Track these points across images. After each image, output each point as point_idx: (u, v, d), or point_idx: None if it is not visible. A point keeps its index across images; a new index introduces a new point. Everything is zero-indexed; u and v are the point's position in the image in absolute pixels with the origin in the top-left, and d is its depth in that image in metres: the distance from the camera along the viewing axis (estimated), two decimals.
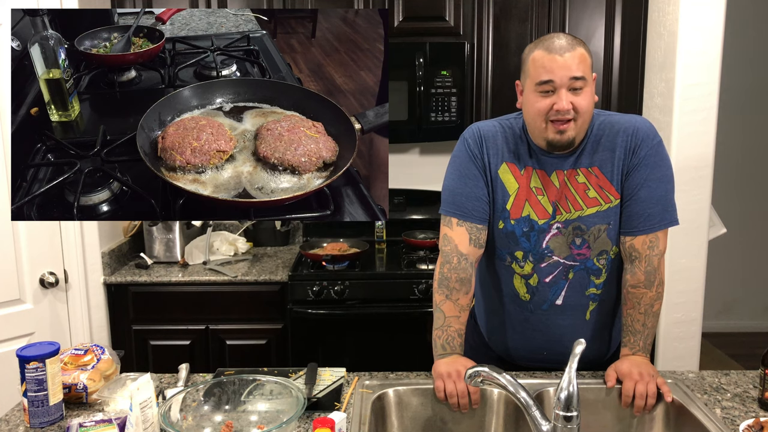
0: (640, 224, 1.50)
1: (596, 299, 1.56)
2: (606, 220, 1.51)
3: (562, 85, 1.40)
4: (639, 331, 1.52)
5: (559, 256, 1.53)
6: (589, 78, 1.42)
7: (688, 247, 2.54)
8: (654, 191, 1.50)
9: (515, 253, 1.55)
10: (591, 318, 1.58)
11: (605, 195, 1.50)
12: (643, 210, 1.49)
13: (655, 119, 2.66)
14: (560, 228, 1.51)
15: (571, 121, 1.42)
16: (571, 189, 1.51)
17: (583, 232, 1.51)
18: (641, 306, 1.52)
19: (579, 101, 1.41)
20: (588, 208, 1.50)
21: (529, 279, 1.56)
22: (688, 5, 2.41)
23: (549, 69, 1.40)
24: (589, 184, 1.50)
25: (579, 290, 1.55)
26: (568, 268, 1.54)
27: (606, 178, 1.50)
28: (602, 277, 1.55)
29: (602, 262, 1.54)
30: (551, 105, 1.41)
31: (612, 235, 1.52)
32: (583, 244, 1.52)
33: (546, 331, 1.59)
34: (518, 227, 1.53)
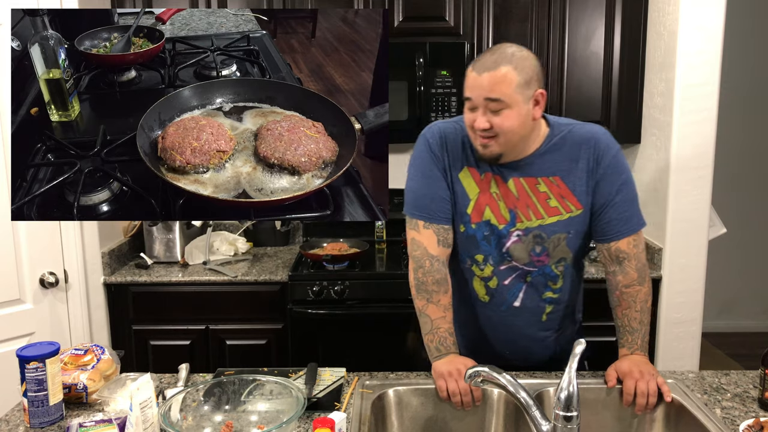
0: (623, 227, 1.53)
1: (553, 302, 1.60)
2: (566, 229, 1.53)
3: (479, 104, 1.42)
4: (636, 330, 1.54)
5: (519, 262, 1.55)
6: (510, 99, 1.40)
7: (688, 247, 2.54)
8: (627, 195, 1.53)
9: (476, 256, 1.58)
10: (547, 320, 1.62)
11: (566, 205, 1.52)
12: (622, 214, 1.52)
13: (655, 119, 2.66)
14: (520, 236, 1.53)
15: (492, 138, 1.44)
16: (532, 197, 1.52)
17: (543, 240, 1.53)
18: (637, 304, 1.55)
19: (497, 121, 1.42)
20: (549, 217, 1.52)
21: (489, 281, 1.59)
22: (688, 5, 2.41)
23: (470, 87, 1.43)
24: (551, 194, 1.52)
25: (536, 294, 1.59)
26: (527, 273, 1.57)
27: (568, 188, 1.52)
28: (559, 283, 1.59)
29: (560, 269, 1.57)
30: (472, 121, 1.45)
31: (571, 244, 1.55)
32: (543, 252, 1.54)
33: (505, 330, 1.63)
34: (479, 231, 1.55)
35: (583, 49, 2.73)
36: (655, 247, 2.61)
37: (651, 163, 2.71)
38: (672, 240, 2.55)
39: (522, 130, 1.45)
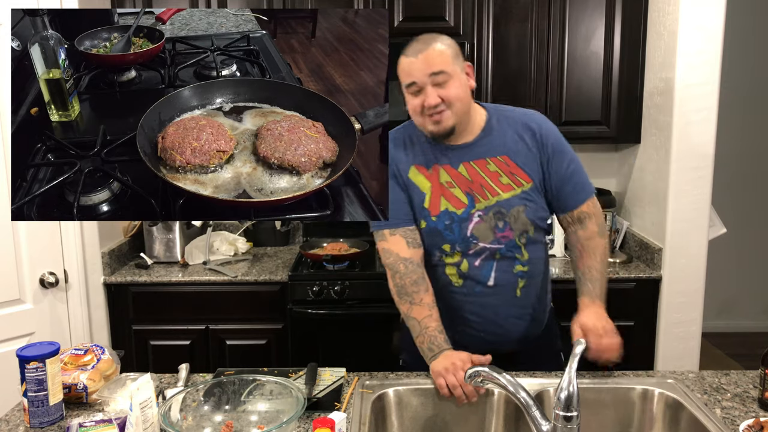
0: (583, 193, 1.67)
1: (524, 276, 1.65)
2: (523, 202, 1.61)
3: (425, 83, 1.52)
4: (597, 279, 1.63)
5: (485, 242, 1.61)
6: (451, 70, 1.53)
7: (688, 247, 2.54)
8: (577, 167, 1.66)
9: (442, 246, 1.63)
10: (522, 295, 1.66)
11: (517, 180, 1.62)
12: (578, 183, 1.66)
13: (655, 119, 2.66)
14: (481, 215, 1.61)
15: (445, 111, 1.54)
16: (484, 178, 1.62)
17: (504, 215, 1.61)
18: (597, 255, 1.66)
19: (446, 93, 1.53)
20: (504, 193, 1.61)
21: (460, 266, 1.64)
22: (688, 5, 2.41)
23: (409, 72, 1.53)
24: (501, 172, 1.62)
25: (507, 269, 1.63)
26: (495, 251, 1.62)
27: (517, 165, 1.62)
28: (525, 255, 1.64)
29: (523, 241, 1.63)
30: (421, 103, 1.54)
31: (530, 215, 1.62)
32: (506, 227, 1.61)
33: (480, 313, 1.65)
34: (440, 222, 1.62)
35: (583, 49, 2.73)
36: (655, 247, 2.61)
37: (651, 163, 2.71)
38: (672, 240, 2.55)
39: (466, 98, 1.57)
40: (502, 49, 2.74)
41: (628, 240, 2.88)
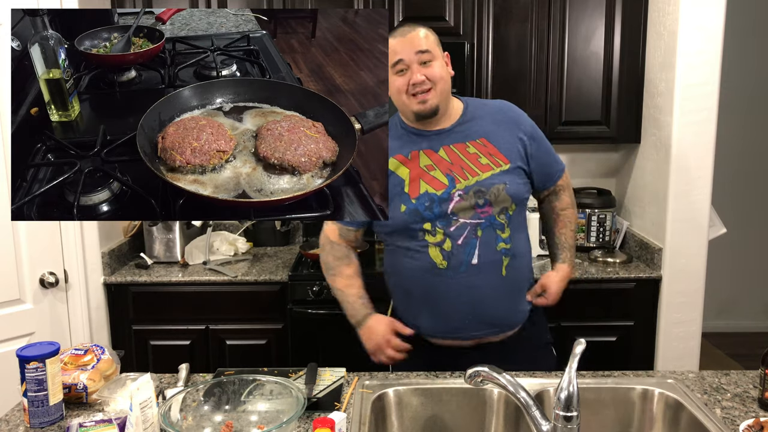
0: (559, 170, 1.84)
1: (508, 254, 1.69)
2: (502, 181, 1.67)
3: (412, 61, 1.62)
4: (571, 246, 1.86)
5: (465, 218, 1.66)
6: (435, 52, 1.64)
7: (688, 247, 2.54)
8: (550, 148, 1.81)
9: (424, 226, 1.67)
10: (507, 274, 1.69)
11: (495, 161, 1.69)
12: (553, 162, 1.82)
13: (655, 119, 2.66)
14: (462, 195, 1.66)
15: (430, 90, 1.63)
16: (464, 159, 1.69)
17: (484, 193, 1.66)
18: (572, 224, 1.87)
19: (430, 71, 1.62)
20: (483, 173, 1.67)
21: (443, 245, 1.66)
22: (688, 5, 2.41)
23: (397, 50, 1.63)
24: (480, 153, 1.69)
25: (490, 246, 1.67)
26: (476, 227, 1.66)
27: (495, 147, 1.70)
28: (507, 232, 1.69)
29: (503, 218, 1.68)
30: (408, 81, 1.63)
31: (511, 192, 1.67)
32: (486, 203, 1.66)
33: (467, 293, 1.67)
34: (419, 204, 1.66)
35: (583, 49, 2.73)
36: (655, 247, 2.61)
37: (651, 163, 2.71)
38: (672, 240, 2.55)
39: (448, 80, 1.68)
40: (502, 49, 2.74)
41: (628, 240, 2.88)
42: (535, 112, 2.75)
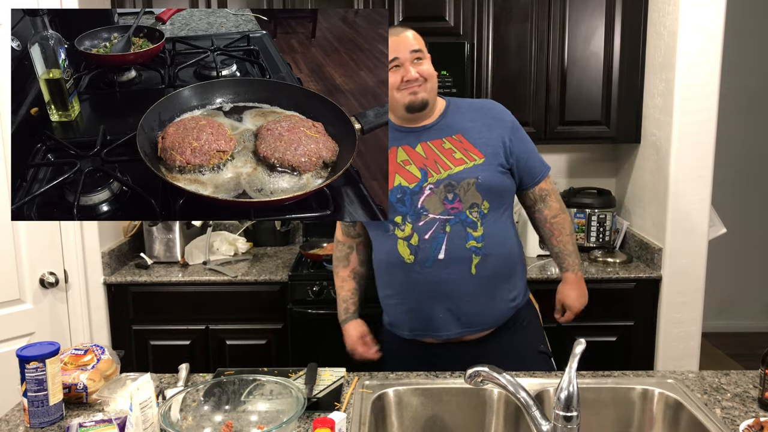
0: (541, 170, 1.84)
1: (479, 252, 1.70)
2: (474, 175, 1.71)
3: (406, 59, 1.70)
4: (572, 252, 1.87)
5: (435, 213, 1.69)
6: (425, 52, 1.73)
7: (688, 247, 2.54)
8: (533, 147, 1.84)
9: (395, 219, 1.72)
10: (477, 272, 1.70)
11: (469, 155, 1.73)
12: (535, 161, 1.83)
13: (655, 119, 2.66)
14: (432, 188, 1.70)
15: (422, 85, 1.71)
16: (438, 154, 1.74)
17: (454, 187, 1.70)
18: (566, 230, 1.87)
19: (422, 69, 1.72)
20: (455, 167, 1.72)
21: (410, 239, 1.71)
22: (688, 5, 2.41)
23: (394, 49, 1.71)
24: (455, 148, 1.74)
25: (458, 243, 1.69)
26: (445, 222, 1.69)
27: (470, 143, 1.75)
28: (479, 230, 1.70)
29: (475, 215, 1.70)
30: (401, 77, 1.70)
31: (481, 189, 1.70)
32: (455, 199, 1.69)
33: (435, 288, 1.71)
34: (392, 196, 1.72)
35: (583, 49, 2.73)
36: (655, 247, 2.61)
37: (651, 163, 2.71)
38: (672, 240, 2.55)
39: (436, 79, 1.75)
40: (502, 49, 2.74)
41: (628, 240, 2.88)
42: (535, 112, 2.75)
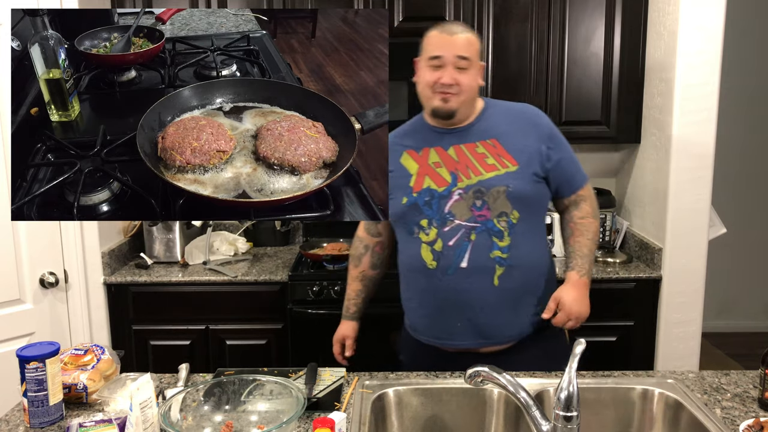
0: (580, 178, 1.77)
1: (503, 263, 1.64)
2: (505, 183, 1.64)
3: (449, 61, 1.61)
4: (586, 255, 1.73)
5: (461, 219, 1.64)
6: (473, 60, 1.64)
7: (688, 247, 2.54)
8: (573, 154, 1.76)
9: (420, 222, 1.67)
10: (500, 284, 1.64)
11: (502, 162, 1.67)
12: (576, 169, 1.76)
13: (655, 119, 2.66)
14: (461, 194, 1.65)
15: (455, 94, 1.63)
16: (471, 159, 1.68)
17: (483, 194, 1.64)
18: (590, 233, 1.75)
19: (462, 78, 1.63)
20: (487, 173, 1.66)
21: (434, 245, 1.66)
22: (688, 5, 2.40)
23: (439, 46, 1.63)
24: (488, 153, 1.68)
25: (483, 252, 1.63)
26: (470, 230, 1.64)
27: (504, 149, 1.68)
28: (506, 240, 1.64)
29: (503, 224, 1.64)
30: (438, 78, 1.62)
31: (512, 197, 1.64)
32: (483, 206, 1.64)
33: (455, 297, 1.66)
34: (420, 198, 1.68)
35: (583, 50, 2.73)
36: (655, 247, 2.61)
37: (651, 163, 2.71)
38: (672, 240, 2.54)
39: (473, 92, 1.68)
40: (502, 49, 2.74)
41: (628, 240, 2.88)
42: None
